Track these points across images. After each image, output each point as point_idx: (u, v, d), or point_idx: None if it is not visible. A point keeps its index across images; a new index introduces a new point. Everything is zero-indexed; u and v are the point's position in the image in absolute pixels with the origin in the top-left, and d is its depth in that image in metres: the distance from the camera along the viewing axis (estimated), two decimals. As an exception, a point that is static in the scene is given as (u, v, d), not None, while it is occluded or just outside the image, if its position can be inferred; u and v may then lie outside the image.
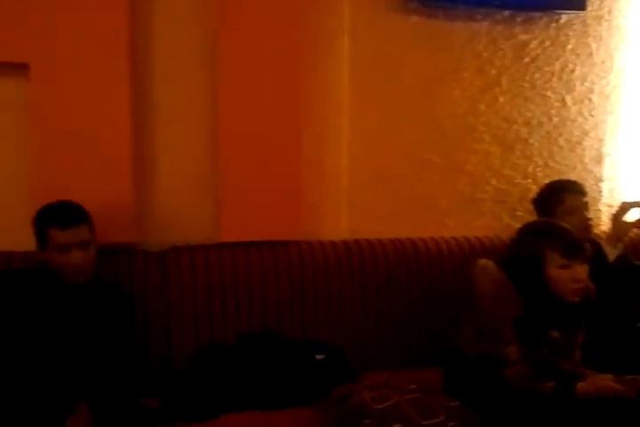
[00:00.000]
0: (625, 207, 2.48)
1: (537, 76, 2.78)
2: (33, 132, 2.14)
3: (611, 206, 2.88)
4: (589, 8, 2.78)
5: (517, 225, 2.64)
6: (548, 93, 2.80)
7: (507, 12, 2.70)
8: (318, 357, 2.24)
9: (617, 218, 2.47)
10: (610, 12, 2.87)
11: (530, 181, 2.79)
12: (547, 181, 2.67)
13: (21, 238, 2.12)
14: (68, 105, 2.14)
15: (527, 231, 2.09)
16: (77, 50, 2.13)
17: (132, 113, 2.23)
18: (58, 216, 1.88)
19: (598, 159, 2.91)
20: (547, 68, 2.79)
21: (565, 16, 2.79)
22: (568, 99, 2.83)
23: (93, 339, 1.92)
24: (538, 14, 2.75)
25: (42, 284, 1.90)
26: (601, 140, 2.90)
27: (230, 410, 2.02)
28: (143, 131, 2.31)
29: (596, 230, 2.70)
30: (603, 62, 2.87)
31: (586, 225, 2.40)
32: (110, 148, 2.19)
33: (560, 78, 2.82)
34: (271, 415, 2.01)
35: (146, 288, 2.22)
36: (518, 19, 2.73)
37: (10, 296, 1.86)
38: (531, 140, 2.79)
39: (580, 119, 2.86)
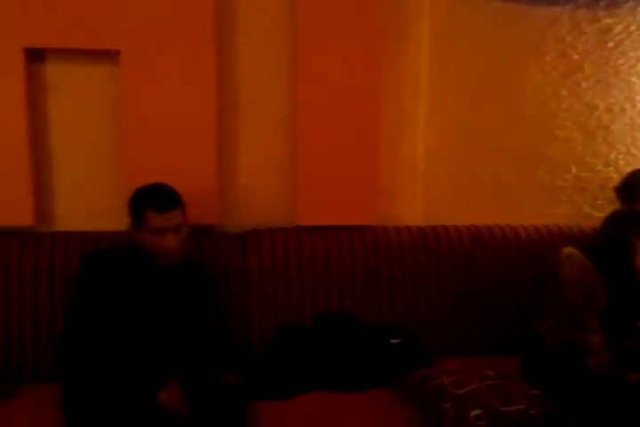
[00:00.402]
0: None
1: (621, 61, 2.70)
2: (124, 116, 2.22)
3: (695, 195, 2.79)
4: (678, -9, 2.68)
5: (597, 214, 2.61)
6: (633, 79, 2.71)
7: (590, -5, 2.63)
8: (393, 341, 2.26)
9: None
10: (699, -6, 2.75)
11: (611, 168, 2.72)
12: (629, 168, 2.62)
13: (109, 218, 2.24)
14: (157, 90, 2.21)
15: (614, 219, 2.05)
16: (166, 37, 2.19)
17: (217, 98, 2.28)
18: (155, 200, 1.92)
19: (682, 147, 2.82)
20: (631, 54, 2.70)
21: (653, -1, 2.69)
22: (653, 85, 2.75)
23: (181, 318, 1.98)
24: (623, -3, 2.67)
25: (134, 264, 1.97)
26: (685, 128, 2.81)
27: (307, 390, 2.07)
28: (227, 116, 2.36)
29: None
30: (690, 48, 2.77)
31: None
32: (197, 132, 2.26)
33: (645, 64, 2.73)
34: (347, 397, 2.04)
35: (227, 270, 2.27)
36: (602, 2, 2.65)
37: (104, 275, 1.92)
38: (613, 127, 2.72)
39: (665, 105, 2.77)
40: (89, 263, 1.98)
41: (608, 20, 2.67)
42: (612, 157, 2.73)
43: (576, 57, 2.65)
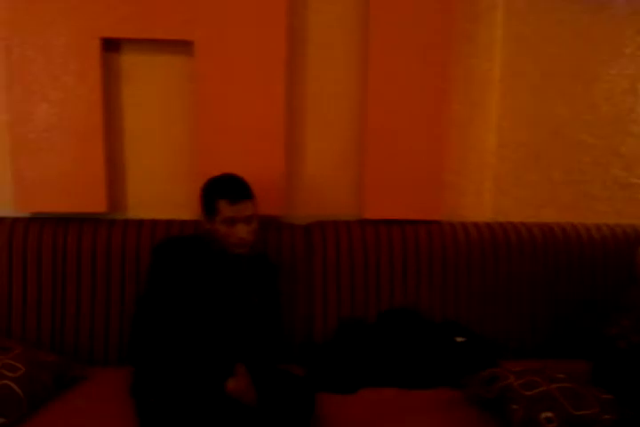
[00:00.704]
0: None
1: None
2: (196, 107, 2.23)
3: None
4: None
5: (674, 213, 2.50)
6: None
7: (675, -16, 2.51)
8: (459, 339, 2.23)
9: None
10: None
11: (689, 166, 2.62)
12: None
13: (180, 207, 2.28)
14: (229, 81, 2.22)
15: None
16: (239, 29, 2.20)
17: (287, 91, 2.27)
18: (229, 190, 1.94)
19: None
20: None
21: None
22: None
23: (247, 308, 2.00)
24: None
25: (204, 253, 1.99)
26: None
27: (371, 385, 2.06)
28: (295, 109, 2.36)
29: None
30: None
31: None
32: (266, 124, 2.26)
33: None
34: (411, 393, 2.02)
35: (292, 261, 2.28)
36: (686, -8, 2.53)
37: (175, 264, 1.95)
38: (693, 123, 2.61)
39: None
40: (160, 252, 2.01)
41: (692, 11, 2.55)
42: (690, 154, 2.62)
43: (657, 49, 2.55)
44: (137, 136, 2.31)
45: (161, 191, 2.33)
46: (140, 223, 2.25)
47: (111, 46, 2.23)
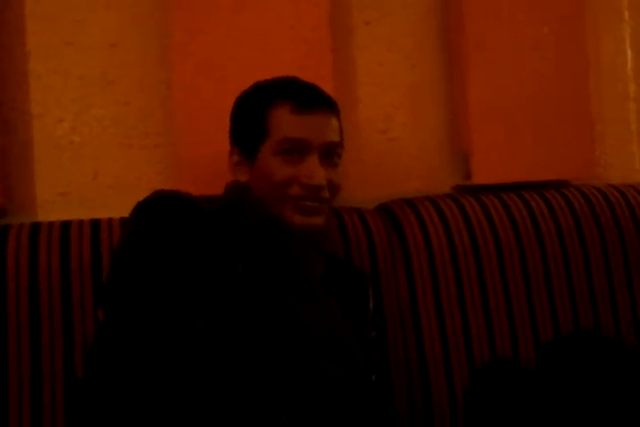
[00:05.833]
0: None
1: None
2: None
3: None
4: None
5: None
6: None
7: None
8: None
9: None
10: None
11: None
12: None
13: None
14: None
15: None
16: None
17: None
18: (294, 90, 0.99)
19: None
20: None
21: None
22: None
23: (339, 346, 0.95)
24: None
25: (237, 235, 0.93)
26: None
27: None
28: None
29: None
30: None
31: None
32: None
33: None
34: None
35: (373, 266, 1.24)
36: None
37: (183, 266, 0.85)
38: None
39: None
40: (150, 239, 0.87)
41: None
42: None
43: None
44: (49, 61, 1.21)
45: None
46: (66, 228, 1.13)
47: None
